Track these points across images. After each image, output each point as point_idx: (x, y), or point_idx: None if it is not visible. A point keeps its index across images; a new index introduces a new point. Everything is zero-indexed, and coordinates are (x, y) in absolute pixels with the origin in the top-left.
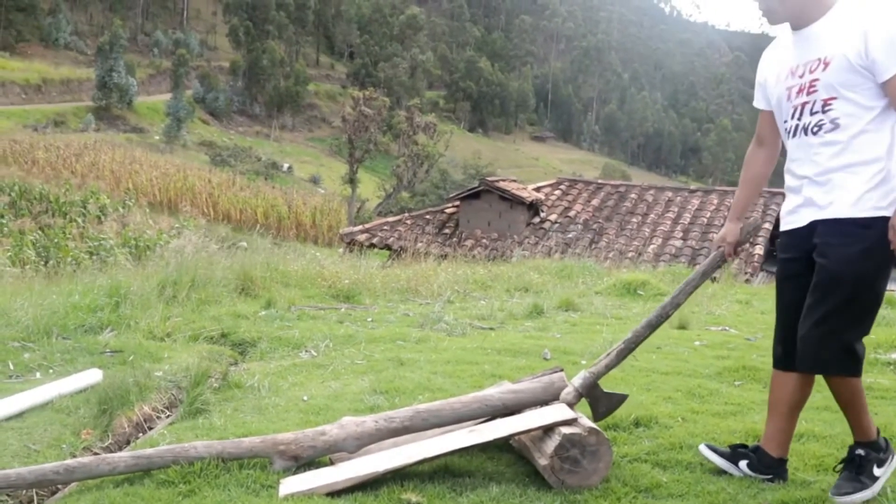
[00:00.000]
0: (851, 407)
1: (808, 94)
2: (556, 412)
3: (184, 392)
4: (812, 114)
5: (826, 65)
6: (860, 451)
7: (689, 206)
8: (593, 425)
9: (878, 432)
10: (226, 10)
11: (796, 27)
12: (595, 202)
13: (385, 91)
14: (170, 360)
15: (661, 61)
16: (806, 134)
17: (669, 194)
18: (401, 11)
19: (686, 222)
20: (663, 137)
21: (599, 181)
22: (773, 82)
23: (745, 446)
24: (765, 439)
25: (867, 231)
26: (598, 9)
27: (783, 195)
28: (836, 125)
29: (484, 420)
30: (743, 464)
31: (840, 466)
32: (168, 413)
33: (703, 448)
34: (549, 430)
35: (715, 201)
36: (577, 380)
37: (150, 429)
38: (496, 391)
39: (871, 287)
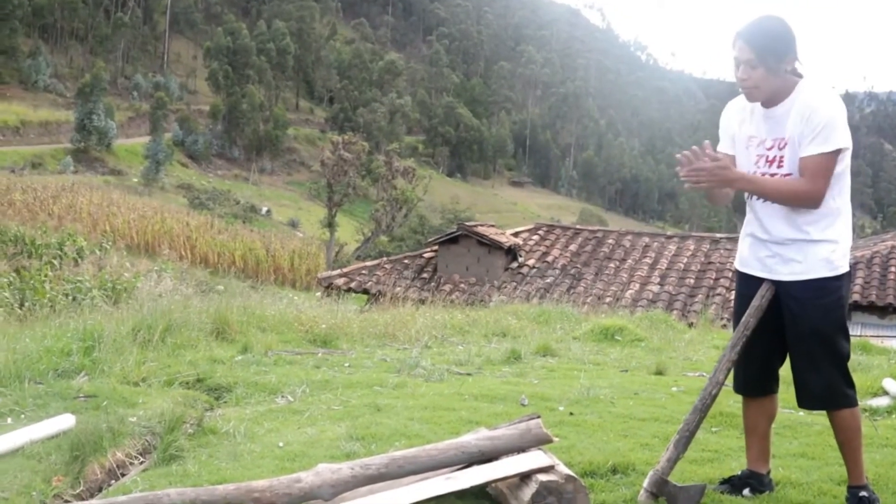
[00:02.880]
0: (852, 443)
1: (777, 167)
2: (532, 459)
3: (158, 438)
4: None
5: (785, 145)
6: (864, 494)
7: (666, 252)
8: (570, 472)
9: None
10: (206, 54)
11: (766, 106)
12: (573, 247)
13: (364, 136)
14: (144, 405)
15: (638, 108)
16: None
17: (646, 240)
18: (380, 57)
19: (663, 267)
20: (640, 183)
21: (577, 226)
22: (739, 140)
23: (733, 478)
24: (752, 462)
25: (837, 283)
26: (576, 56)
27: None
28: None
29: (461, 467)
30: (746, 491)
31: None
32: (142, 459)
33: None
34: (525, 477)
35: (692, 247)
36: (647, 480)
37: (123, 475)
38: (473, 438)
39: (844, 326)
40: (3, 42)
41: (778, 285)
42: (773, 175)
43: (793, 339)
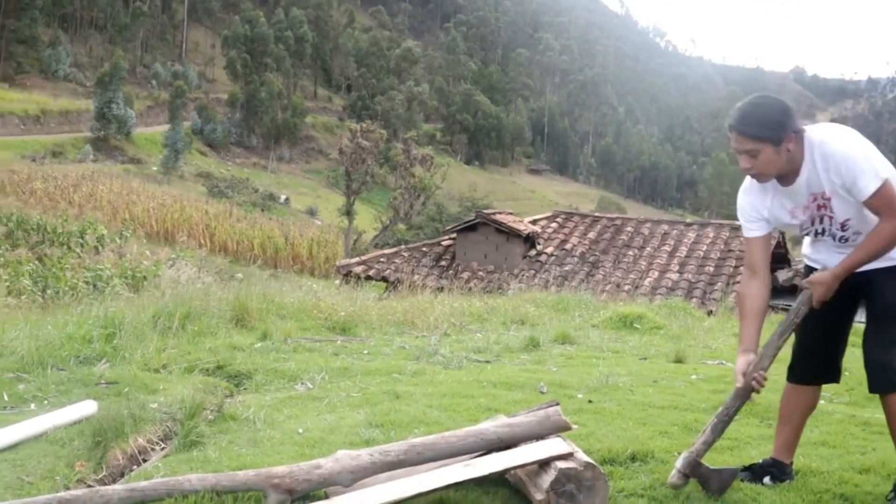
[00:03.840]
0: None
1: (827, 221)
2: (551, 446)
3: (179, 424)
4: (836, 232)
5: (828, 199)
6: None
7: (686, 240)
8: (589, 460)
9: None
10: (224, 43)
11: (784, 184)
12: (591, 235)
13: (382, 124)
14: (165, 391)
15: (657, 95)
16: (835, 240)
17: (665, 227)
18: (397, 45)
19: (682, 255)
20: (659, 171)
21: (595, 214)
22: (781, 213)
23: (755, 465)
24: (778, 450)
25: None
26: (594, 43)
27: (779, 230)
28: (859, 232)
29: (480, 454)
30: (767, 479)
31: (892, 495)
32: (163, 445)
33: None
34: (545, 464)
35: (711, 234)
36: (679, 461)
37: (145, 461)
38: (492, 425)
39: None
40: (24, 32)
41: (857, 279)
42: (825, 230)
43: (869, 322)
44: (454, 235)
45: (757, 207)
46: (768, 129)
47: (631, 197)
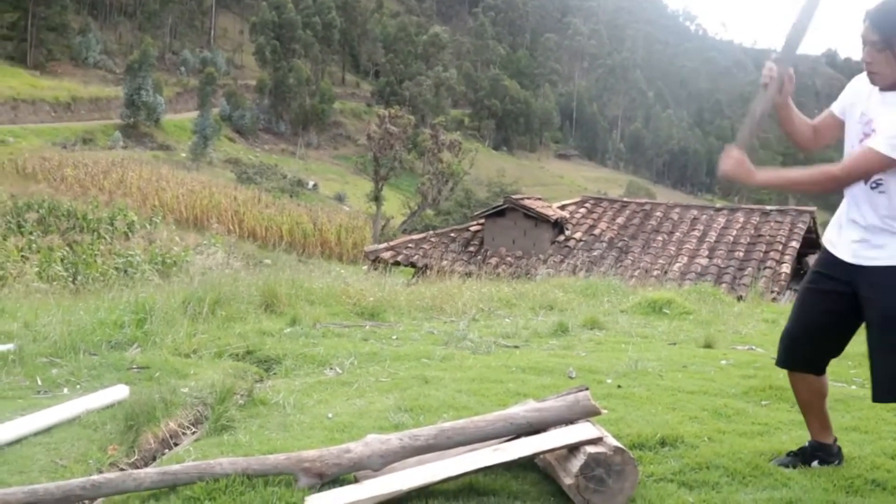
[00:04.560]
0: None
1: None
2: (581, 431)
3: (209, 409)
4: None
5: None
6: None
7: (715, 225)
8: (619, 444)
9: None
10: (252, 29)
11: (884, 90)
12: (620, 220)
13: (410, 109)
14: (195, 376)
15: (687, 79)
16: (865, 184)
17: (695, 212)
18: (425, 30)
19: (712, 240)
20: (688, 155)
21: (624, 199)
22: (851, 115)
23: (802, 449)
24: (816, 433)
25: None
26: (624, 27)
27: (810, 214)
28: (880, 186)
29: (509, 438)
30: (815, 463)
31: None
32: (194, 430)
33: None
34: (574, 448)
35: (741, 220)
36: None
37: (176, 445)
38: (521, 409)
39: None
40: (54, 19)
41: (859, 275)
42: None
43: (869, 330)
44: (482, 221)
45: (849, 95)
46: None
47: (660, 182)
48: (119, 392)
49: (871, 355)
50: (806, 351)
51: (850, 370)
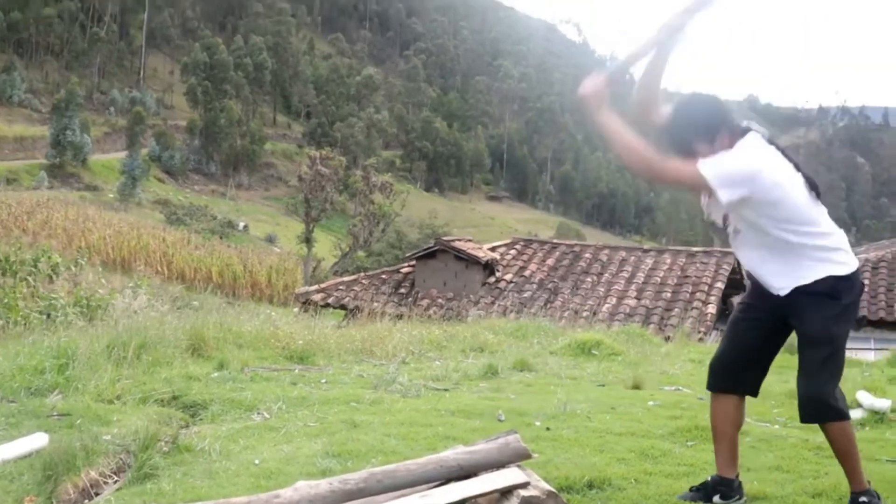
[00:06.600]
0: (849, 453)
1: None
2: (512, 475)
3: (132, 456)
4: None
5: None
6: (864, 499)
7: (643, 266)
8: (550, 488)
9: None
10: (183, 70)
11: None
12: (550, 262)
13: (341, 150)
14: (119, 423)
15: None
16: (733, 237)
17: (623, 254)
18: (357, 72)
19: (640, 282)
20: (617, 197)
21: (554, 241)
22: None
23: (704, 484)
24: (721, 467)
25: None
26: (553, 70)
27: (734, 255)
28: (738, 230)
29: (439, 483)
30: (716, 497)
31: None
32: (116, 478)
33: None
34: (506, 493)
35: (668, 260)
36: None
37: (97, 494)
38: (452, 453)
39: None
40: None
41: (783, 304)
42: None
43: (798, 349)
44: (413, 263)
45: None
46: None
47: (590, 223)
48: (38, 440)
49: (797, 376)
50: (739, 368)
51: (773, 409)
